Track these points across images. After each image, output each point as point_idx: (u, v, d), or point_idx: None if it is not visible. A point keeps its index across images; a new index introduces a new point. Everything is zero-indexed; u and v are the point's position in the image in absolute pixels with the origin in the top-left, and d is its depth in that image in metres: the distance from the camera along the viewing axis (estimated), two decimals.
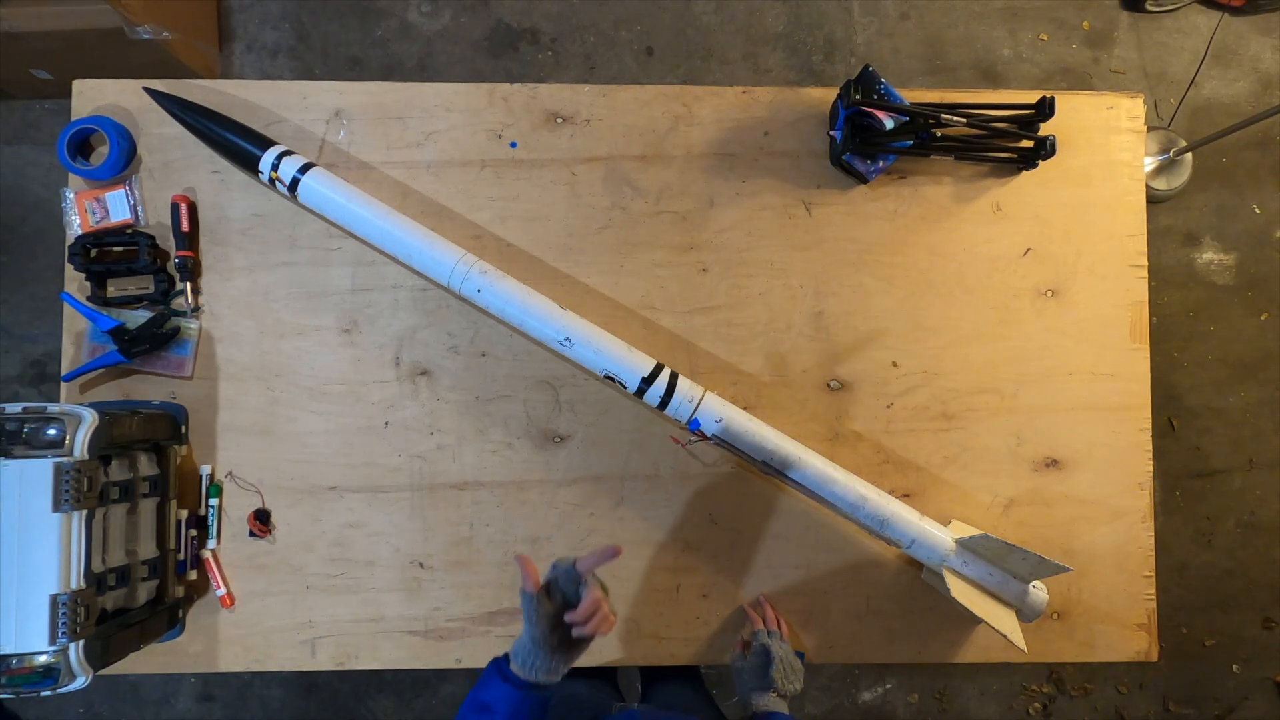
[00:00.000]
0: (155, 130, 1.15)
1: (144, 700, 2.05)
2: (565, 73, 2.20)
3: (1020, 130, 1.13)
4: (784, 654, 1.00)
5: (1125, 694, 2.16)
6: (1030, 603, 1.04)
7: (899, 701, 2.15)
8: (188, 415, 1.12)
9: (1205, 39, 2.20)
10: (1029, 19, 2.26)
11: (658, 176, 1.17)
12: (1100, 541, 1.17)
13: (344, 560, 1.13)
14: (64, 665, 0.87)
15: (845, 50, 2.24)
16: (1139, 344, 1.18)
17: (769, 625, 1.07)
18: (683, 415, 1.05)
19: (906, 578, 1.15)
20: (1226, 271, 2.23)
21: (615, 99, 1.18)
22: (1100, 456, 1.17)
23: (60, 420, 0.90)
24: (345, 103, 1.16)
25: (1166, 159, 2.17)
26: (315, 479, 1.13)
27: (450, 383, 1.14)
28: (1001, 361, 1.17)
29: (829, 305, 1.17)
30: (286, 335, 1.14)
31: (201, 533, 1.11)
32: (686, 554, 1.14)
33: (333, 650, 1.12)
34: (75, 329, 1.13)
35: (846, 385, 1.16)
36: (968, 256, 1.18)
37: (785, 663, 0.99)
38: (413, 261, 1.08)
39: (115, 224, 1.12)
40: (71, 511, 0.89)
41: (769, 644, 1.01)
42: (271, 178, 1.07)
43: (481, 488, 1.14)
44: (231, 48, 2.18)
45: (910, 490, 1.15)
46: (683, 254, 1.17)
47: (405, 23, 2.19)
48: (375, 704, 2.08)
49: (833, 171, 1.18)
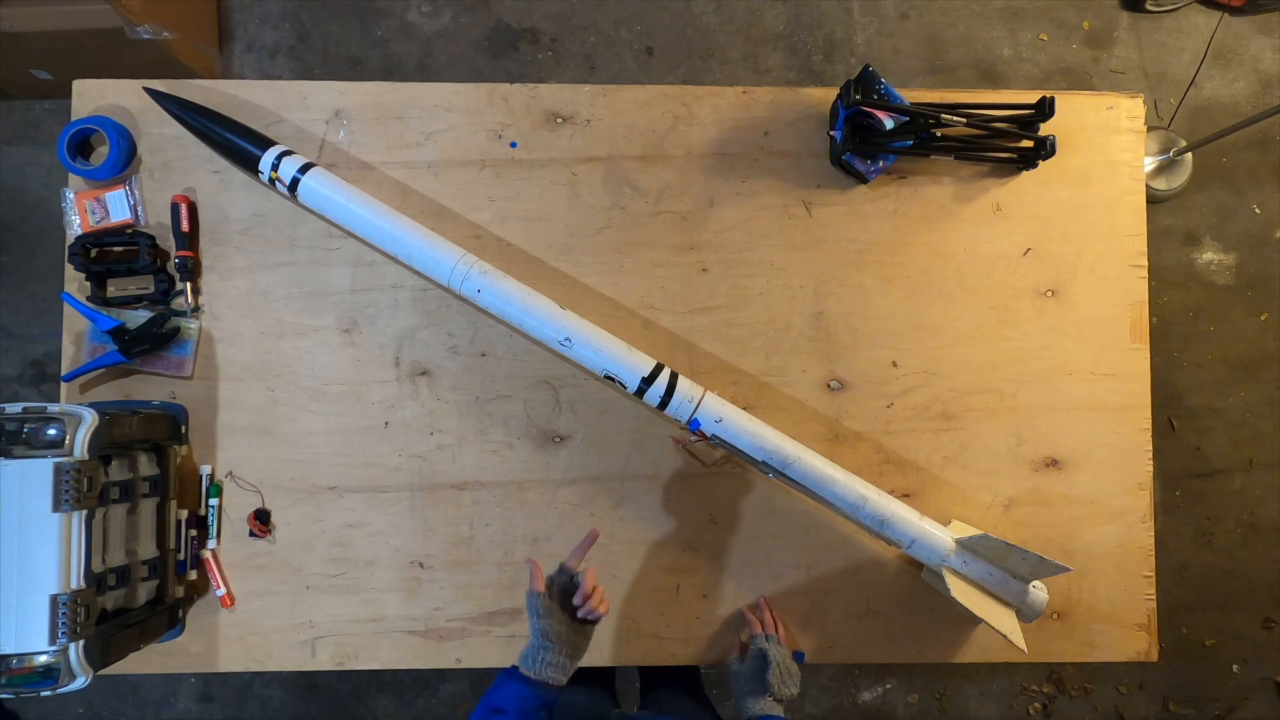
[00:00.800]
0: (155, 130, 1.15)
1: (144, 700, 2.05)
2: (565, 73, 2.20)
3: (1020, 130, 1.13)
4: (780, 658, 1.00)
5: (1125, 694, 2.16)
6: (1030, 603, 1.04)
7: (899, 701, 2.15)
8: (188, 415, 1.12)
9: (1205, 39, 2.20)
10: (1029, 19, 2.26)
11: (658, 176, 1.17)
12: (1100, 541, 1.17)
13: (344, 560, 1.13)
14: (64, 665, 0.87)
15: (845, 50, 2.24)
16: (1139, 344, 1.18)
17: (767, 629, 1.07)
18: (683, 415, 1.05)
19: (906, 578, 1.15)
20: (1226, 271, 2.23)
21: (615, 99, 1.18)
22: (1100, 456, 1.17)
23: (60, 420, 0.90)
24: (345, 103, 1.16)
25: (1166, 159, 2.16)
26: (315, 479, 1.13)
27: (450, 383, 1.14)
28: (1001, 361, 1.17)
29: (829, 305, 1.17)
30: (286, 335, 1.14)
31: (201, 533, 1.11)
32: (686, 554, 1.14)
33: (333, 650, 1.12)
34: (75, 329, 1.13)
35: (846, 385, 1.16)
36: (968, 256, 1.18)
37: (782, 666, 0.99)
38: (413, 261, 1.08)
39: (115, 224, 1.12)
40: (71, 511, 0.89)
41: (765, 648, 1.01)
42: (271, 178, 1.07)
43: (481, 488, 1.14)
44: (231, 48, 2.18)
45: (910, 490, 1.15)
46: (683, 254, 1.17)
47: (405, 23, 2.19)
48: (375, 704, 2.08)
49: (833, 171, 1.18)
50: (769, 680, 0.98)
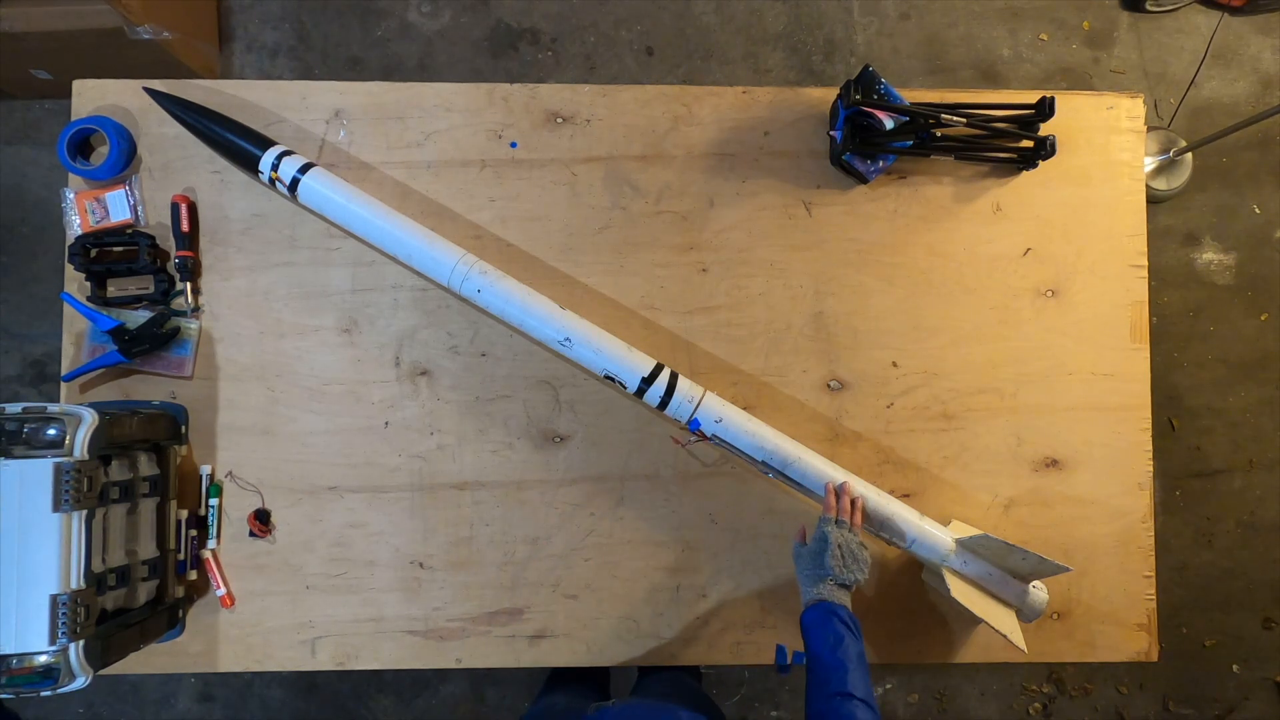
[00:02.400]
0: (155, 130, 1.15)
1: (144, 700, 2.05)
2: (565, 73, 2.20)
3: (1020, 130, 1.13)
4: (843, 540, 0.95)
5: (1125, 694, 2.16)
6: (1030, 603, 1.04)
7: (899, 701, 2.14)
8: (188, 415, 1.12)
9: (1205, 39, 2.20)
10: (1029, 19, 2.26)
11: (658, 176, 1.17)
12: (1100, 542, 1.17)
13: (344, 560, 1.13)
14: (64, 665, 0.87)
15: (845, 50, 2.24)
16: (1139, 344, 1.18)
17: (841, 513, 1.00)
18: (683, 415, 1.05)
19: (906, 578, 1.15)
20: (1226, 271, 2.23)
21: (615, 99, 1.18)
22: (1100, 456, 1.17)
23: (60, 420, 0.90)
24: (345, 103, 1.16)
25: (1166, 159, 2.16)
26: (315, 479, 1.13)
27: (450, 383, 1.14)
28: (1001, 361, 1.17)
29: (829, 305, 1.17)
30: (286, 335, 1.14)
31: (201, 533, 1.11)
32: (686, 554, 1.14)
33: (333, 650, 1.12)
34: (75, 329, 1.13)
35: (846, 385, 1.16)
36: (968, 256, 1.18)
37: (844, 549, 0.94)
38: (413, 261, 1.08)
39: (115, 224, 1.12)
40: (71, 511, 0.89)
41: (827, 531, 0.96)
42: (271, 178, 1.07)
43: (481, 488, 1.14)
44: (231, 48, 2.18)
45: (910, 490, 1.15)
46: (683, 254, 1.17)
47: (405, 23, 2.19)
48: (375, 704, 2.08)
49: (833, 171, 1.18)
50: (828, 562, 0.94)
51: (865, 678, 0.83)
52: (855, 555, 0.95)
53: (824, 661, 0.84)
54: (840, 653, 0.84)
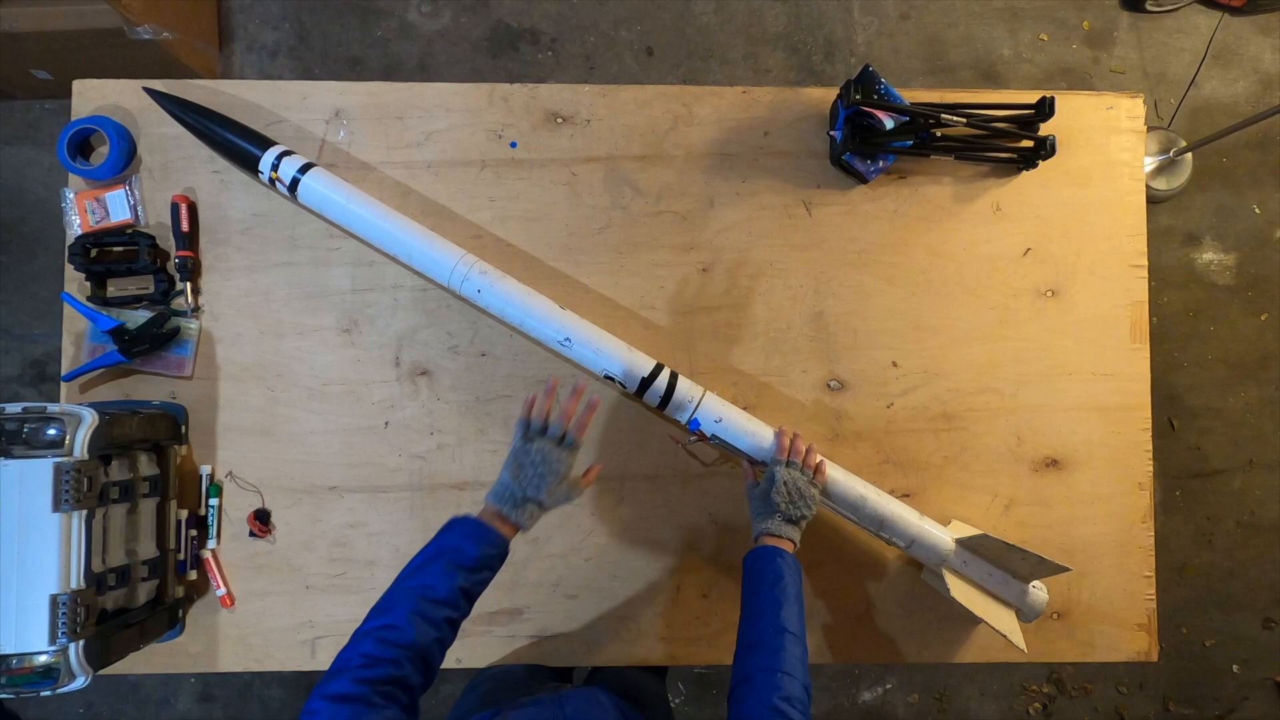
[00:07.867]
0: (155, 130, 1.15)
1: (144, 700, 2.05)
2: (565, 73, 2.20)
3: (1020, 130, 1.13)
4: (789, 478, 0.97)
5: (1125, 694, 2.16)
6: (1030, 603, 1.04)
7: (899, 701, 2.15)
8: (188, 415, 1.12)
9: (1205, 39, 2.20)
10: (1029, 19, 2.26)
11: (658, 176, 1.17)
12: (1100, 542, 1.17)
13: (344, 560, 1.13)
14: (64, 665, 0.87)
15: (845, 50, 2.24)
16: (1139, 344, 1.18)
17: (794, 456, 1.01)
18: (683, 415, 1.05)
19: (906, 578, 1.15)
20: (1226, 271, 2.23)
21: (615, 99, 1.18)
22: (1100, 456, 1.17)
23: (60, 420, 0.90)
24: (345, 103, 1.16)
25: (1166, 159, 2.17)
26: (315, 479, 1.13)
27: (450, 383, 1.14)
28: (1001, 361, 1.17)
29: (829, 305, 1.17)
30: (286, 335, 1.14)
31: (201, 533, 1.11)
32: (686, 554, 1.14)
33: (333, 650, 1.12)
34: (75, 329, 1.13)
35: (846, 385, 1.16)
36: (968, 256, 1.18)
37: (790, 486, 0.96)
38: (413, 261, 1.08)
39: (115, 224, 1.12)
40: (71, 511, 0.89)
41: (775, 470, 0.98)
42: (271, 178, 1.07)
43: (481, 488, 1.14)
44: (231, 48, 2.18)
45: (910, 490, 1.15)
46: (683, 254, 1.17)
47: (405, 23, 2.19)
48: None
49: (833, 171, 1.18)
50: (773, 499, 0.96)
51: (800, 614, 0.87)
52: (802, 492, 0.97)
53: (760, 598, 0.88)
54: (778, 590, 0.88)
